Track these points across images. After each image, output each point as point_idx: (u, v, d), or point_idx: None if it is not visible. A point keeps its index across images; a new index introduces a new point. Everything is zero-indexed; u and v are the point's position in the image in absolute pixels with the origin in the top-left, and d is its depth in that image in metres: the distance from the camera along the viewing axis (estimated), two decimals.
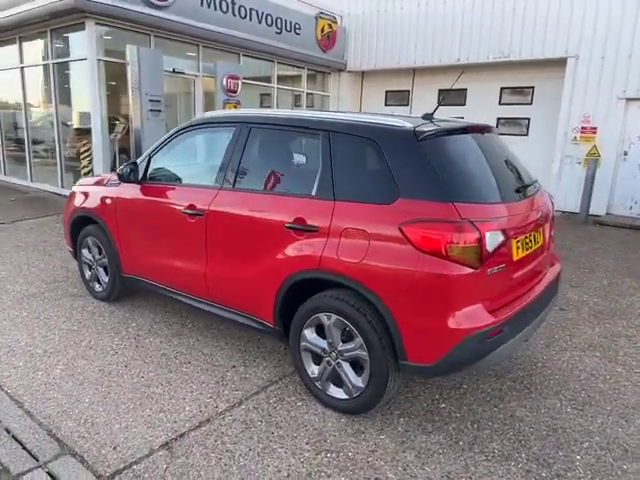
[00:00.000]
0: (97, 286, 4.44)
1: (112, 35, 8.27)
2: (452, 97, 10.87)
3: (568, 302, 4.87)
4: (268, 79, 11.38)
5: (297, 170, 3.28)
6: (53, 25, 8.49)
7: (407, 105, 12.31)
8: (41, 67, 9.34)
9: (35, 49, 9.45)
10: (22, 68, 9.82)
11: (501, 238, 2.54)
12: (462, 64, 10.53)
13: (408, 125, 2.67)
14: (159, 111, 8.33)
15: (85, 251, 4.44)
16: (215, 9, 9.21)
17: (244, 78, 10.08)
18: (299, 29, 11.00)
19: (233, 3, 9.53)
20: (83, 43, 8.00)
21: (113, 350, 3.56)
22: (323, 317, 2.80)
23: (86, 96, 8.30)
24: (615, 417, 2.95)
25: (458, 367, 2.57)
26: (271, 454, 2.53)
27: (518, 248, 2.74)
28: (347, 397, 2.83)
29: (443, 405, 3.05)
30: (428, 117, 2.97)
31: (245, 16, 9.77)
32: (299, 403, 2.99)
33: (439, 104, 3.36)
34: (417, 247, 2.43)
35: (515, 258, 2.71)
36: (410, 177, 2.55)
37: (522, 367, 3.52)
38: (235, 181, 3.22)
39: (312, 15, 11.35)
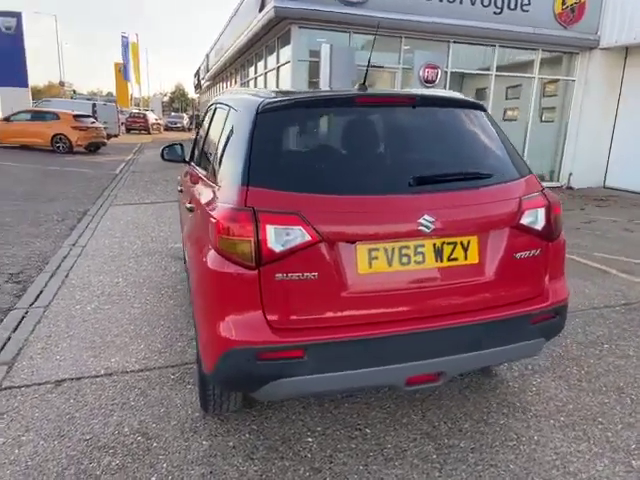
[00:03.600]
0: None
1: (314, 36, 9.02)
2: None
3: None
4: (487, 67, 10.30)
5: None
6: (270, 38, 9.84)
7: None
8: (272, 72, 10.96)
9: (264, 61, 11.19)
10: (255, 78, 11.73)
11: (302, 237, 1.86)
12: None
13: (264, 99, 2.15)
14: None
15: None
16: None
17: (454, 67, 9.45)
18: (527, 5, 9.53)
19: None
20: (290, 48, 9.02)
21: None
22: None
23: None
24: None
25: (233, 383, 2.09)
26: None
27: (375, 259, 1.95)
28: None
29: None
30: (362, 88, 2.37)
31: (453, 0, 9.11)
32: None
33: None
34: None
35: (362, 271, 1.94)
36: (234, 156, 2.11)
37: None
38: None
39: None
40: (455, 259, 2.06)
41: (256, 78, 12.22)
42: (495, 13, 9.43)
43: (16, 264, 5.00)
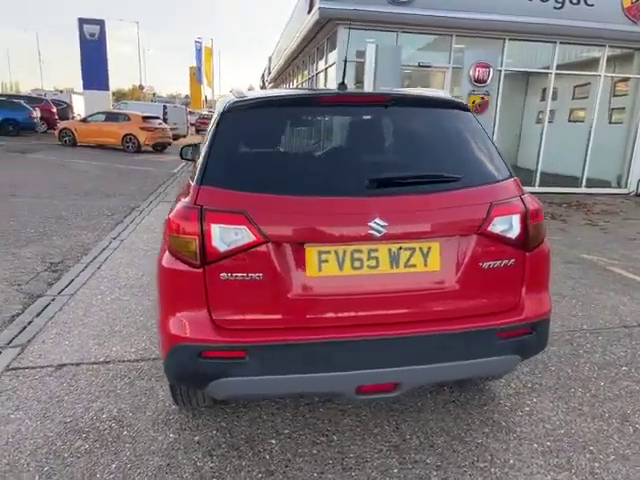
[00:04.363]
0: None
1: (361, 37, 8.95)
2: None
3: None
4: (546, 65, 9.73)
5: None
6: (320, 40, 9.87)
7: None
8: (322, 73, 10.99)
9: (315, 63, 11.21)
10: (309, 79, 11.78)
11: (247, 237, 1.84)
12: None
13: (235, 99, 2.17)
14: None
15: None
16: None
17: (508, 66, 9.02)
18: None
19: None
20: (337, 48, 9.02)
21: None
22: None
23: None
24: None
25: (180, 379, 2.11)
26: None
27: (325, 262, 1.89)
28: None
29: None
30: (341, 87, 2.33)
31: None
32: None
33: None
34: None
35: (311, 274, 1.90)
36: (200, 156, 2.13)
37: None
38: None
39: None
40: (413, 265, 1.96)
41: (309, 79, 12.33)
42: (555, 8, 8.89)
43: (59, 254, 5.38)
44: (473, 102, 8.83)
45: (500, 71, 9.34)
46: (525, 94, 10.90)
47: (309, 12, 9.30)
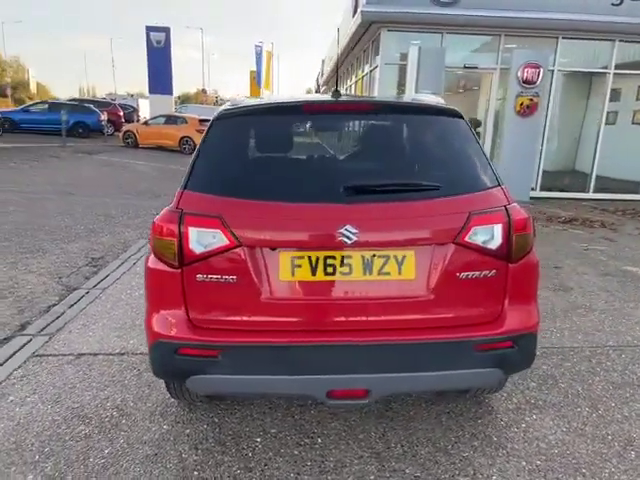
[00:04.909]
0: None
1: (405, 39, 8.85)
2: None
3: None
4: (604, 65, 9.19)
5: None
6: (366, 42, 9.84)
7: None
8: (367, 76, 10.97)
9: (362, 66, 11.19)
10: (355, 82, 11.76)
11: (221, 240, 1.91)
12: None
13: (227, 107, 2.27)
14: None
15: None
16: None
17: (562, 66, 8.63)
18: None
19: None
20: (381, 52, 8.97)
21: None
22: None
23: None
24: None
25: (161, 373, 2.21)
26: None
27: (298, 267, 1.93)
28: None
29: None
30: (336, 94, 2.35)
31: None
32: None
33: None
34: None
35: (284, 278, 1.94)
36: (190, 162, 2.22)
37: None
38: None
39: None
40: (387, 273, 1.96)
41: (356, 82, 12.34)
42: (614, 5, 8.40)
43: (101, 250, 5.73)
44: (521, 104, 8.51)
45: (552, 71, 8.94)
46: (587, 95, 10.32)
47: (354, 15, 9.33)
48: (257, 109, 2.27)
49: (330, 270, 1.95)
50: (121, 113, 25.34)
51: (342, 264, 1.95)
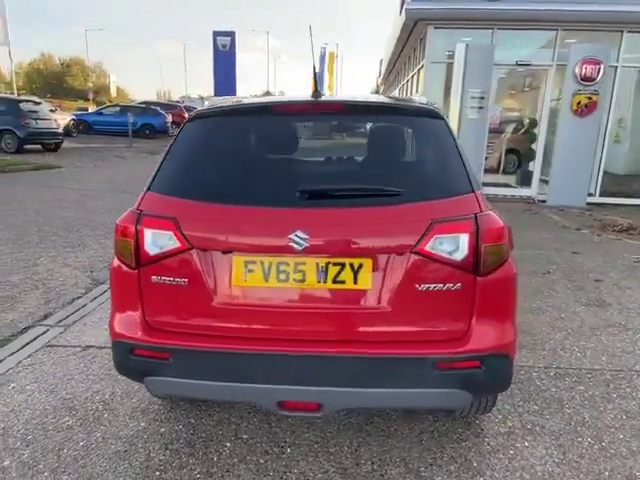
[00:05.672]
0: None
1: (453, 36, 8.52)
2: None
3: None
4: None
5: None
6: (414, 41, 9.57)
7: None
8: (416, 75, 10.69)
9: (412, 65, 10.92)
10: (407, 82, 11.48)
11: (173, 243, 1.89)
12: None
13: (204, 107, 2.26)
14: (480, 108, 8.02)
15: None
16: None
17: (627, 62, 7.97)
18: None
19: None
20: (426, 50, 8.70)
21: None
22: None
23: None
24: None
25: (121, 371, 2.19)
26: None
27: (251, 272, 1.87)
28: None
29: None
30: (316, 95, 2.28)
31: None
32: None
33: None
34: None
35: (236, 283, 1.91)
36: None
37: None
38: None
39: None
40: (342, 282, 1.87)
41: (407, 82, 12.07)
42: None
43: None
44: (578, 102, 7.94)
45: (615, 68, 8.26)
46: None
47: (400, 14, 9.12)
48: (223, 111, 2.24)
49: (283, 277, 1.89)
50: (186, 115, 26.32)
51: (296, 270, 1.88)
